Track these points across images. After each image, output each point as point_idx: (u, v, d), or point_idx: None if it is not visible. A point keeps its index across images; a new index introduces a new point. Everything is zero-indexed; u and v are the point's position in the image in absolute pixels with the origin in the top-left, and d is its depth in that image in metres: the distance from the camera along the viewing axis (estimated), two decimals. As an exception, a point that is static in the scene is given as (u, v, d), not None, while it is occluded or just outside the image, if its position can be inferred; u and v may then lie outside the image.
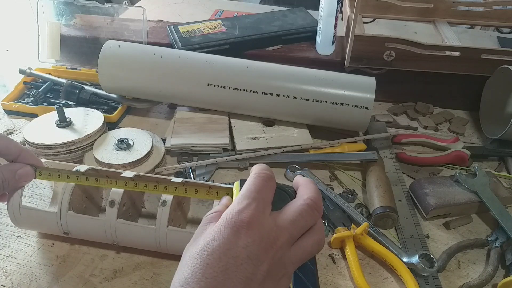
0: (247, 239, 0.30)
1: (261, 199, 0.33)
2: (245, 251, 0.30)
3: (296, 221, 0.33)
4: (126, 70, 0.69)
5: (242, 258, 0.30)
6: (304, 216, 0.33)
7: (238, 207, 0.32)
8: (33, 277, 0.49)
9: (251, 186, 0.34)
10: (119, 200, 0.48)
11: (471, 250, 0.54)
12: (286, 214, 0.33)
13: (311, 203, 0.34)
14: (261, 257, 0.31)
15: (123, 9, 0.86)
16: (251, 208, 0.32)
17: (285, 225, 0.32)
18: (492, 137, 0.69)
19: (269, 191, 0.34)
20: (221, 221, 0.32)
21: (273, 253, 0.31)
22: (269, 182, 0.34)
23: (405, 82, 0.79)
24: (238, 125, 0.70)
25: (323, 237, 0.35)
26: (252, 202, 0.32)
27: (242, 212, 0.31)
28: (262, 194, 0.33)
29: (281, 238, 0.32)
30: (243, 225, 0.31)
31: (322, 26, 0.78)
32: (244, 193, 0.33)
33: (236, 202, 0.33)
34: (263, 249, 0.31)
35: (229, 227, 0.31)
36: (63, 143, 0.61)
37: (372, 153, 0.64)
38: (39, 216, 0.50)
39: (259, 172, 0.35)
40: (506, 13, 0.87)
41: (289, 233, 0.32)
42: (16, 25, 1.10)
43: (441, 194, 0.57)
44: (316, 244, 0.34)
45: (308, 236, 0.34)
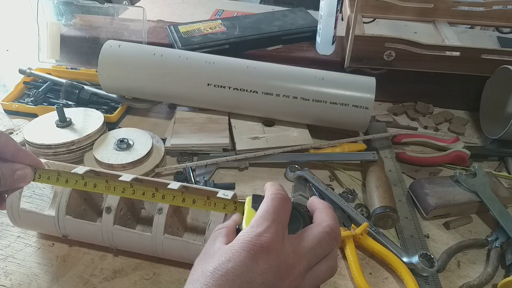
0: (265, 265, 0.30)
1: (279, 222, 0.32)
2: (261, 277, 0.29)
3: (314, 249, 0.32)
4: (126, 70, 0.69)
5: (257, 284, 0.29)
6: (322, 244, 0.33)
7: (258, 230, 0.31)
8: (33, 277, 0.49)
9: (269, 207, 0.33)
10: (115, 206, 0.47)
11: (471, 250, 0.54)
12: (305, 241, 0.32)
13: (331, 231, 0.33)
14: (277, 284, 0.30)
15: (123, 9, 0.86)
16: (270, 232, 0.31)
17: (303, 253, 0.32)
18: (492, 137, 0.69)
19: (286, 213, 0.33)
20: (238, 242, 0.31)
21: (289, 281, 0.30)
22: (286, 203, 0.34)
23: (405, 82, 0.79)
24: (238, 125, 0.70)
25: (336, 263, 0.35)
26: (271, 225, 0.31)
27: (261, 236, 0.31)
28: (280, 217, 0.32)
29: (298, 267, 0.31)
30: (262, 250, 0.30)
31: (322, 26, 0.78)
32: (263, 215, 0.32)
33: (255, 223, 0.32)
34: (280, 276, 0.30)
35: (246, 250, 0.30)
36: (63, 143, 0.61)
37: (372, 153, 0.64)
38: (37, 219, 0.50)
39: (276, 193, 0.34)
40: (506, 13, 0.87)
41: (307, 261, 0.32)
42: (16, 25, 1.10)
43: (441, 194, 0.57)
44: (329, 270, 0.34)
45: (323, 263, 0.33)
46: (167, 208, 0.47)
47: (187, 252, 0.47)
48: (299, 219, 0.35)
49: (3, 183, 0.45)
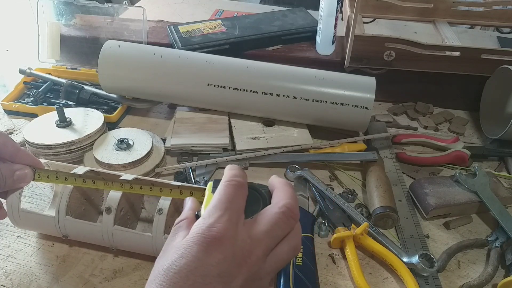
0: (219, 256, 0.29)
1: (233, 209, 0.31)
2: (216, 269, 0.29)
3: (271, 231, 0.32)
4: (126, 70, 0.69)
5: (212, 277, 0.28)
6: (280, 225, 0.32)
7: (209, 220, 0.30)
8: (33, 277, 0.49)
9: (222, 196, 0.32)
10: (115, 206, 0.47)
11: (471, 250, 0.54)
12: (261, 224, 0.32)
13: (287, 211, 0.32)
14: (234, 273, 0.29)
15: (123, 9, 0.86)
16: (222, 221, 0.30)
17: (260, 237, 0.31)
18: (492, 137, 0.69)
19: (241, 200, 0.33)
20: (190, 236, 0.30)
21: (247, 268, 0.30)
22: (241, 190, 0.33)
23: (405, 82, 0.79)
24: (238, 125, 0.70)
25: (299, 241, 0.34)
26: (224, 214, 0.30)
27: (213, 227, 0.30)
28: (234, 204, 0.32)
29: (256, 252, 0.30)
30: (214, 241, 0.29)
31: (322, 26, 0.78)
32: (215, 204, 0.31)
33: (207, 214, 0.31)
34: (236, 265, 0.29)
35: (198, 243, 0.29)
36: (63, 143, 0.61)
37: (372, 153, 0.64)
38: (38, 219, 0.50)
39: (230, 180, 0.33)
40: (506, 13, 0.87)
41: (265, 244, 0.31)
42: (16, 25, 1.10)
43: (441, 194, 0.57)
44: (292, 250, 0.33)
45: (284, 244, 0.32)
46: (167, 208, 0.47)
47: None
48: (259, 200, 0.34)
49: (3, 184, 0.45)
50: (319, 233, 0.55)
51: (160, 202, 0.47)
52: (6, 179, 0.45)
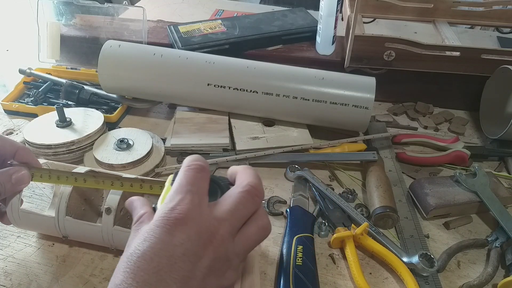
0: (182, 235, 0.29)
1: (195, 191, 0.31)
2: (180, 249, 0.28)
3: (236, 210, 0.31)
4: (126, 70, 0.69)
5: (177, 257, 0.28)
6: (244, 203, 0.32)
7: (171, 204, 0.30)
8: (33, 277, 0.49)
9: (182, 179, 0.32)
10: (115, 207, 0.47)
11: (471, 250, 0.54)
12: (224, 204, 0.31)
13: (251, 189, 0.32)
14: (199, 253, 0.29)
15: (123, 9, 0.86)
16: (184, 203, 0.30)
17: (224, 216, 0.31)
18: (492, 137, 0.69)
19: (203, 182, 0.32)
20: (153, 220, 0.30)
21: (213, 248, 0.29)
22: (202, 172, 0.32)
23: (405, 82, 0.79)
24: (238, 125, 0.70)
25: (268, 221, 0.33)
26: (185, 196, 0.30)
27: (175, 209, 0.29)
28: (195, 187, 0.31)
29: (221, 231, 0.30)
30: (177, 222, 0.29)
31: (322, 26, 0.78)
32: (176, 188, 0.31)
33: (168, 199, 0.31)
34: (202, 244, 0.29)
35: (161, 226, 0.29)
36: (63, 143, 0.61)
37: (372, 153, 0.64)
38: (37, 220, 0.50)
39: (190, 164, 0.33)
40: (506, 13, 0.87)
41: (230, 223, 0.31)
42: (16, 25, 1.10)
43: (441, 194, 0.57)
44: (261, 230, 0.32)
45: (251, 224, 0.32)
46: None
47: None
48: (217, 190, 0.33)
49: (3, 190, 0.44)
50: (319, 233, 0.55)
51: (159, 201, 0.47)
52: (5, 185, 0.45)
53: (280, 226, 0.56)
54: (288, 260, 0.49)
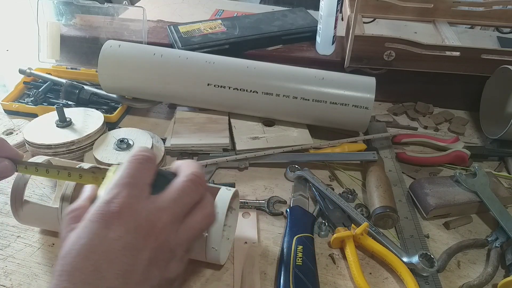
0: (120, 229, 0.28)
1: (135, 184, 0.30)
2: (119, 243, 0.27)
3: (178, 198, 0.31)
4: (126, 70, 0.69)
5: (116, 251, 0.27)
6: (187, 192, 0.31)
7: (107, 197, 0.29)
8: (33, 277, 0.49)
9: (124, 171, 0.31)
10: None
11: (471, 250, 0.54)
12: (167, 194, 0.31)
13: (194, 177, 0.32)
14: (139, 245, 0.28)
15: (123, 9, 0.86)
16: (121, 196, 0.29)
17: (166, 205, 0.30)
18: (492, 137, 0.69)
19: (146, 174, 0.31)
20: (87, 216, 0.29)
21: (154, 238, 0.28)
22: (146, 163, 0.32)
23: (405, 82, 0.79)
24: (238, 125, 0.70)
25: (212, 210, 0.33)
26: (123, 190, 0.29)
27: (111, 202, 0.28)
28: (136, 179, 0.31)
29: (162, 220, 0.29)
30: (113, 215, 0.28)
31: (322, 26, 0.78)
32: (115, 182, 0.30)
33: (106, 192, 0.30)
34: (141, 236, 0.28)
35: (96, 221, 0.28)
36: (63, 143, 0.61)
37: (372, 153, 0.64)
38: (40, 211, 0.50)
39: (135, 155, 0.32)
40: (506, 13, 0.87)
41: (172, 212, 0.30)
42: (16, 25, 1.10)
43: (441, 194, 0.57)
44: (205, 218, 0.32)
45: (195, 213, 0.32)
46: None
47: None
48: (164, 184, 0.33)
49: None
50: (319, 233, 0.55)
51: None
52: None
53: (280, 226, 0.56)
54: (288, 260, 0.49)
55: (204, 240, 0.45)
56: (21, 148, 0.67)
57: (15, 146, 0.66)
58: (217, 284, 0.49)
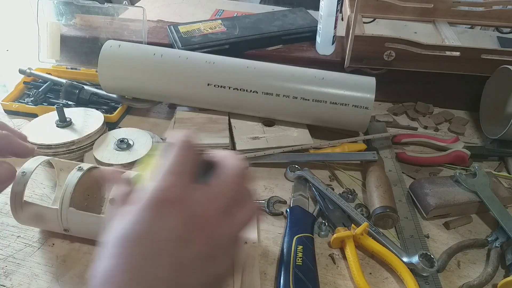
0: (175, 219, 0.27)
1: (186, 172, 0.30)
2: (174, 233, 0.27)
3: (228, 191, 0.30)
4: (126, 70, 0.69)
5: (171, 241, 0.27)
6: (233, 187, 0.31)
7: (162, 184, 0.29)
8: (33, 277, 0.49)
9: (174, 158, 0.30)
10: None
11: (471, 250, 0.54)
12: (217, 185, 0.31)
13: (241, 173, 0.31)
14: (192, 237, 0.28)
15: (123, 9, 0.86)
16: (176, 185, 0.29)
17: (217, 198, 0.30)
18: (492, 137, 0.69)
19: (194, 162, 0.31)
20: (143, 201, 0.28)
21: (205, 231, 0.28)
22: (193, 150, 0.31)
23: (405, 82, 0.79)
24: (238, 125, 0.70)
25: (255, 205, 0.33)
26: (177, 178, 0.29)
27: (167, 190, 0.28)
28: (187, 167, 0.30)
29: (213, 213, 0.29)
30: (169, 205, 0.28)
31: (322, 26, 0.78)
32: (167, 169, 0.30)
33: (160, 178, 0.29)
34: (194, 228, 0.28)
35: (152, 209, 0.28)
36: (63, 143, 0.61)
37: (372, 153, 0.64)
38: (40, 212, 0.50)
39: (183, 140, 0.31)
40: (506, 13, 0.87)
41: (223, 205, 0.30)
42: (16, 25, 1.10)
43: (441, 194, 0.57)
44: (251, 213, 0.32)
45: (241, 207, 0.31)
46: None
47: None
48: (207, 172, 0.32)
49: None
50: (319, 233, 0.55)
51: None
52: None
53: (280, 226, 0.56)
54: (288, 260, 0.49)
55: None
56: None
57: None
58: (217, 284, 0.49)
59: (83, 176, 0.50)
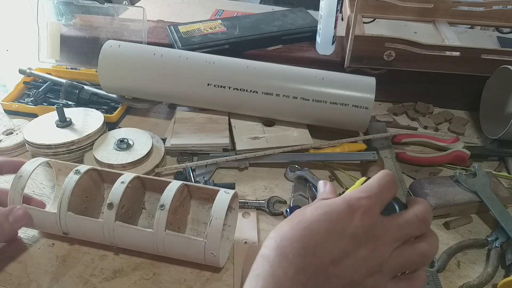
0: (358, 221, 0.31)
1: (380, 197, 0.33)
2: (352, 229, 0.31)
3: (402, 226, 0.33)
4: (126, 70, 0.69)
5: (347, 234, 0.31)
6: (411, 224, 0.33)
7: (359, 194, 0.33)
8: (33, 277, 0.49)
9: (375, 182, 0.34)
10: (117, 202, 0.47)
11: (471, 250, 0.54)
12: (394, 218, 0.33)
13: (420, 215, 0.34)
14: (362, 242, 0.31)
15: (123, 9, 0.86)
16: (370, 199, 0.32)
17: (391, 227, 0.33)
18: (492, 137, 0.69)
19: (388, 193, 0.34)
20: (341, 198, 0.33)
21: (376, 245, 0.31)
22: (392, 186, 0.35)
23: (405, 82, 0.79)
24: (238, 125, 0.70)
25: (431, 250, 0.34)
26: (373, 196, 0.33)
27: (362, 199, 0.32)
28: (382, 194, 0.34)
29: (384, 237, 0.32)
30: (359, 209, 0.32)
31: (322, 26, 0.78)
32: (368, 186, 0.34)
33: (360, 189, 0.34)
34: (369, 237, 0.31)
35: (346, 205, 0.32)
36: (63, 143, 0.61)
37: (372, 153, 0.64)
38: (39, 216, 0.50)
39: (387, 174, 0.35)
40: (506, 13, 0.87)
41: (394, 235, 0.32)
42: (16, 25, 1.10)
43: (441, 194, 0.57)
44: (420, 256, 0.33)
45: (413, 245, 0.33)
46: (169, 204, 0.47)
47: (189, 249, 0.47)
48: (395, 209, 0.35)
49: (1, 232, 0.46)
50: (319, 233, 0.54)
51: (162, 197, 0.47)
52: (3, 226, 0.46)
53: (280, 226, 0.56)
54: (288, 260, 0.49)
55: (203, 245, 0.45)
56: (21, 148, 0.67)
57: (15, 146, 0.66)
58: (217, 284, 0.49)
59: (80, 179, 0.50)
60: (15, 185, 0.49)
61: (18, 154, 0.67)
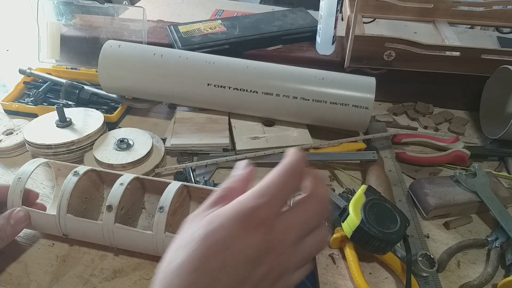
0: (255, 239, 0.29)
1: (280, 198, 0.31)
2: (250, 250, 0.29)
3: (306, 221, 0.32)
4: (126, 70, 0.69)
5: (244, 257, 0.28)
6: (315, 216, 0.32)
7: (255, 202, 0.30)
8: (33, 277, 0.49)
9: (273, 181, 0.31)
10: (116, 204, 0.47)
11: (471, 250, 0.54)
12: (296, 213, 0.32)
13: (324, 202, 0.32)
14: (263, 258, 0.29)
15: (123, 9, 0.86)
16: (268, 207, 0.30)
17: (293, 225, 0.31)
18: (492, 137, 0.69)
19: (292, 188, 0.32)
20: (233, 210, 0.30)
21: (276, 255, 0.30)
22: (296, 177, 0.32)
23: (405, 82, 0.79)
24: (238, 125, 0.70)
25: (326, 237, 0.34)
26: (270, 201, 0.30)
27: (258, 209, 0.29)
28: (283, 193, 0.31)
29: (287, 241, 0.30)
30: (254, 224, 0.29)
31: (322, 26, 0.78)
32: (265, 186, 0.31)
33: (255, 195, 0.31)
34: (269, 250, 0.29)
35: (240, 221, 0.29)
36: (63, 143, 0.61)
37: (372, 153, 0.64)
38: (38, 218, 0.50)
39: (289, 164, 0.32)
40: (506, 13, 0.87)
41: (297, 234, 0.31)
42: (16, 25, 1.10)
43: (441, 194, 0.57)
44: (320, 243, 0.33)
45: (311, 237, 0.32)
46: (168, 206, 0.47)
47: None
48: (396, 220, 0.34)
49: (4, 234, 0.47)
50: (319, 233, 0.54)
51: (161, 199, 0.47)
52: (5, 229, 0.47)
53: (280, 226, 0.56)
54: (288, 260, 0.49)
55: None
56: (21, 148, 0.67)
57: (15, 146, 0.66)
58: (217, 284, 0.49)
59: (79, 181, 0.50)
60: (14, 187, 0.49)
61: (18, 154, 0.67)
